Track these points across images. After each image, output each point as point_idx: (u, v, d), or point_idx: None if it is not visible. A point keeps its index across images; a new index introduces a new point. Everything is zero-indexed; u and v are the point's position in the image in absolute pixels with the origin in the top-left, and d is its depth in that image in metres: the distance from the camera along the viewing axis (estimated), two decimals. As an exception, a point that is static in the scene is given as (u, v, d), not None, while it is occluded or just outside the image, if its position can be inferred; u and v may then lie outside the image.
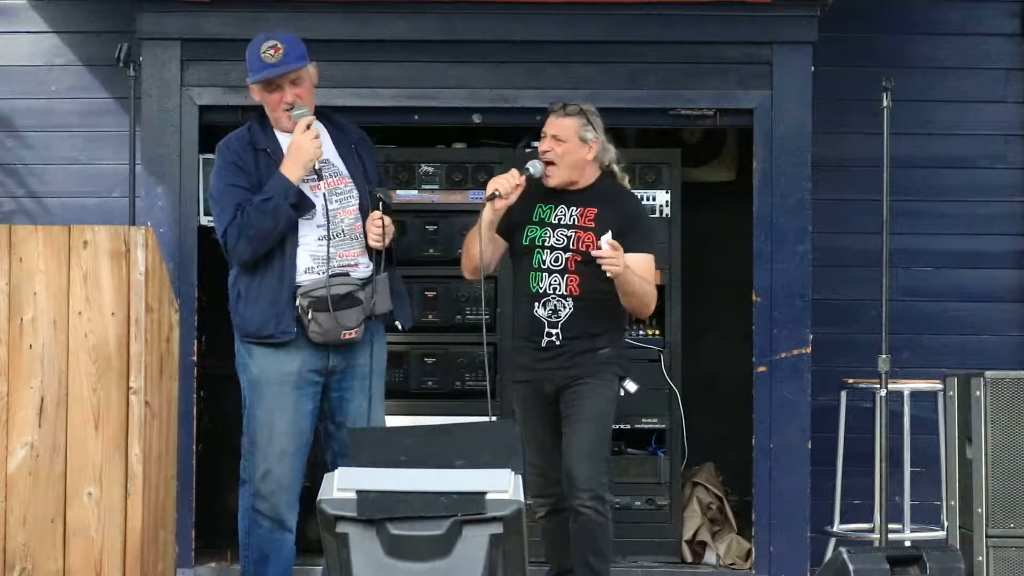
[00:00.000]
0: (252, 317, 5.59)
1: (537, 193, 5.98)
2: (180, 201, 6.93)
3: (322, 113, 5.76)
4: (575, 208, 5.93)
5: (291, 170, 5.53)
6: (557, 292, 5.88)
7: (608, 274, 5.69)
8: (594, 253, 5.71)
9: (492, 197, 5.82)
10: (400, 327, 5.81)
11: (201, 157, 6.98)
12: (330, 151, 5.69)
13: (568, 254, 5.87)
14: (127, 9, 7.01)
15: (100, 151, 7.47)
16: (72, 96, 7.52)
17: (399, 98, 6.92)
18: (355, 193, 5.66)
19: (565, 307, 5.88)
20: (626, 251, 5.77)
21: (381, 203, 5.65)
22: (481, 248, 5.85)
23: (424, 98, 7.02)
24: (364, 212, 5.65)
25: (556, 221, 5.94)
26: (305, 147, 5.54)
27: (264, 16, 6.93)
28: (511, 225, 5.97)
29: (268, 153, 5.64)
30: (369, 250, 5.64)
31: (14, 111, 7.54)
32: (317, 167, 5.57)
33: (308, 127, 5.58)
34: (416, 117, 7.06)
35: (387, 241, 5.62)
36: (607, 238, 5.69)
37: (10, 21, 7.55)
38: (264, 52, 5.59)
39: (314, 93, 5.71)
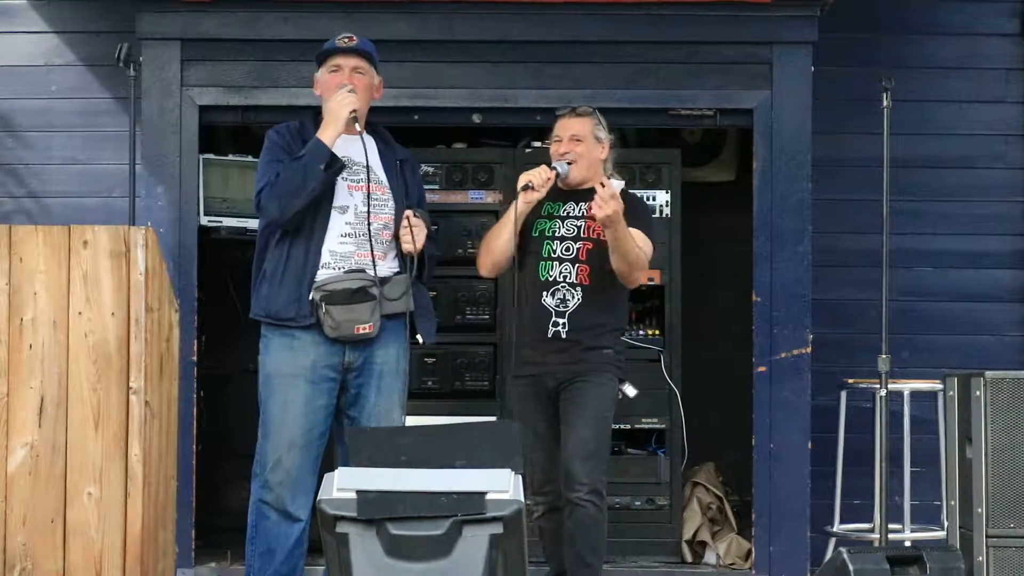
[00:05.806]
0: (275, 298, 5.65)
1: (546, 194, 6.04)
2: (180, 201, 6.93)
3: (373, 127, 5.86)
4: (583, 203, 6.00)
5: (324, 132, 5.65)
6: (567, 280, 5.94)
7: (597, 216, 5.74)
8: (595, 203, 5.74)
9: (525, 188, 5.91)
10: (420, 340, 5.85)
11: (201, 157, 6.98)
12: (375, 161, 5.79)
13: (579, 243, 5.96)
14: (127, 9, 7.00)
15: (100, 151, 7.46)
16: (72, 96, 7.52)
17: (399, 98, 6.91)
18: (391, 204, 5.76)
19: (573, 296, 5.92)
20: None
21: None
22: (514, 234, 5.92)
23: (424, 98, 7.02)
24: (396, 224, 5.74)
25: (565, 214, 6.04)
26: (334, 109, 5.66)
27: (264, 16, 6.94)
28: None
29: None
30: (401, 259, 5.73)
31: (14, 111, 7.54)
32: (352, 117, 5.65)
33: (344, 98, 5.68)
34: (416, 117, 7.06)
35: (417, 245, 5.69)
36: (613, 185, 5.77)
37: (10, 21, 7.54)
38: (339, 39, 5.80)
39: (369, 101, 5.81)
